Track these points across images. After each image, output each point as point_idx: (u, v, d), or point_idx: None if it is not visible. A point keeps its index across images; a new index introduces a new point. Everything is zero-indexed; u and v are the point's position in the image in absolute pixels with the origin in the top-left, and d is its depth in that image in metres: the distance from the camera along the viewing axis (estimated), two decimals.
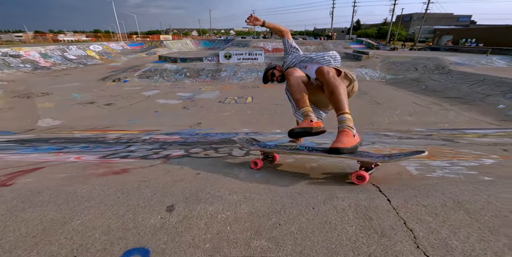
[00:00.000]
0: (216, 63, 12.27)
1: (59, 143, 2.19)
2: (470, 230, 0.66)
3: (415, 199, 0.82)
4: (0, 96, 7.52)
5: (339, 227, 0.68)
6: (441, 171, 1.17)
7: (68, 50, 16.66)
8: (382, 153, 1.15)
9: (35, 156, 1.33)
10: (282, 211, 0.76)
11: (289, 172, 1.23)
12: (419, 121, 6.07)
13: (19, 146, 1.82)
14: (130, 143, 2.41)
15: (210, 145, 2.20)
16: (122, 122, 5.96)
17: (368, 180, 0.99)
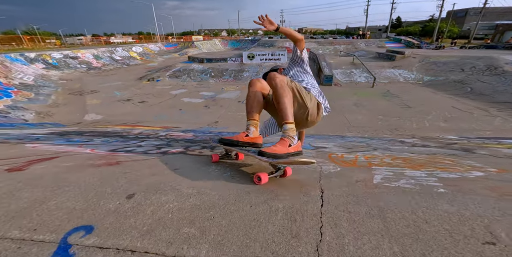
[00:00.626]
0: (239, 63, 12.63)
1: (90, 136, 2.65)
2: (373, 237, 0.69)
3: (346, 205, 0.86)
4: (59, 93, 9.00)
5: (263, 225, 0.78)
6: (405, 181, 1.16)
7: (115, 51, 18.87)
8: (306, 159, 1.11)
9: (61, 147, 1.70)
10: (223, 206, 0.89)
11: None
12: (455, 127, 5.45)
13: (57, 137, 2.29)
14: (145, 138, 2.77)
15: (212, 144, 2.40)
16: (150, 118, 6.66)
17: (317, 186, 1.06)
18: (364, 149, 2.32)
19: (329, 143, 2.81)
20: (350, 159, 1.81)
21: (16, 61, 11.69)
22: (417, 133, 5.06)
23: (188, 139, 3.00)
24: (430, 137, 4.18)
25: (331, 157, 1.85)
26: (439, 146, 2.74)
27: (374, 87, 9.97)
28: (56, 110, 6.88)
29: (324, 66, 11.08)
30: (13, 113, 5.58)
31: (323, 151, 2.17)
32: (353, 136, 4.20)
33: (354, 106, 7.55)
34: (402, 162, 1.71)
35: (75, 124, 5.82)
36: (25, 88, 8.27)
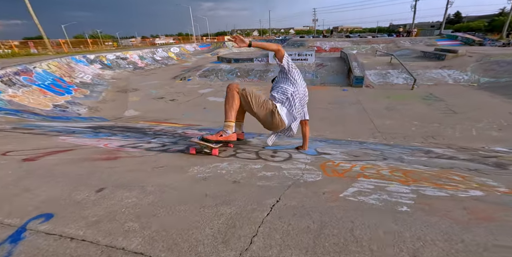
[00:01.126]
0: (265, 63, 12.67)
1: (116, 131, 3.06)
2: (295, 252, 0.70)
3: (291, 217, 0.87)
4: (109, 90, 10.41)
5: (201, 227, 0.85)
6: (377, 196, 1.08)
7: (156, 52, 20.85)
8: None
9: (85, 140, 2.04)
10: (175, 206, 0.98)
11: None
12: (511, 137, 4.58)
13: (90, 131, 2.73)
14: (160, 135, 3.07)
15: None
16: (178, 115, 7.23)
17: (279, 194, 1.07)
18: (371, 158, 2.17)
19: (338, 149, 2.69)
20: (344, 169, 1.74)
21: (80, 62, 13.86)
22: (458, 143, 4.41)
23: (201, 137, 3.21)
24: (471, 148, 3.62)
25: (324, 165, 1.80)
26: (470, 159, 2.38)
27: (413, 90, 8.93)
28: (103, 106, 8.00)
29: (355, 66, 10.36)
30: (70, 108, 6.71)
31: (322, 158, 2.11)
32: (374, 143, 3.89)
33: (385, 110, 6.92)
34: (399, 175, 1.57)
35: (116, 119, 6.71)
36: (83, 86, 9.80)
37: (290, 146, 2.52)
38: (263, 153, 2.15)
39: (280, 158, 2.00)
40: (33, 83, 7.06)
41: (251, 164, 1.70)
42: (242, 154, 2.06)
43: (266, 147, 2.54)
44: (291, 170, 1.62)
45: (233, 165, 1.63)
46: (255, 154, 2.05)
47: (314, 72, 11.52)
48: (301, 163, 1.83)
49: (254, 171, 1.52)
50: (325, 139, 4.27)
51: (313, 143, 3.51)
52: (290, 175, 1.47)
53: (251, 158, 1.92)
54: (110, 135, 2.49)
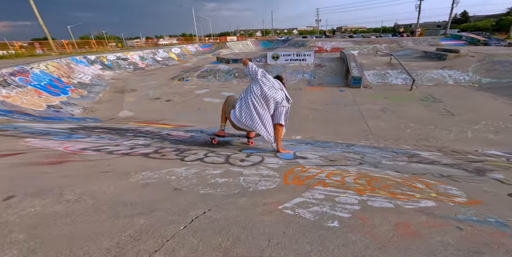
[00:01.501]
0: (264, 64, 12.60)
1: (95, 133, 3.04)
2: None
3: (207, 232, 0.81)
4: (106, 91, 10.50)
5: (101, 238, 0.78)
6: (318, 208, 1.02)
7: (157, 53, 20.98)
8: None
9: (48, 143, 2.01)
10: (82, 215, 0.91)
11: None
12: (507, 141, 4.43)
13: (66, 132, 2.71)
14: (139, 137, 3.03)
15: (188, 147, 2.48)
16: (171, 116, 7.22)
17: (211, 205, 1.01)
18: (346, 163, 2.09)
19: (318, 153, 2.61)
20: (308, 175, 1.67)
21: (80, 62, 14.02)
22: (452, 145, 4.27)
23: (179, 140, 3.16)
24: (462, 152, 3.48)
25: (290, 172, 1.72)
26: (452, 164, 2.27)
27: (412, 90, 8.74)
28: (99, 106, 8.05)
29: (353, 66, 10.21)
30: (64, 108, 6.77)
31: (294, 163, 2.04)
32: (363, 146, 3.78)
33: (381, 111, 6.78)
34: (361, 183, 1.49)
35: (109, 119, 6.74)
36: (81, 87, 9.90)
37: (270, 150, 2.45)
38: (235, 156, 2.09)
39: (249, 162, 1.94)
40: (28, 83, 7.16)
41: (210, 170, 1.64)
42: (211, 157, 2.01)
43: (244, 151, 2.49)
44: (251, 176, 1.56)
45: (190, 171, 1.57)
46: (225, 158, 1.99)
47: (312, 72, 11.39)
48: (268, 168, 1.77)
49: (208, 178, 1.46)
50: (313, 141, 4.19)
51: (297, 146, 3.44)
52: (244, 183, 1.40)
53: (216, 162, 1.87)
54: (83, 137, 2.47)
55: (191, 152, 2.11)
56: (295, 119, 6.42)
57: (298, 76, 11.19)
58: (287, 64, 12.17)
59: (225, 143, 2.91)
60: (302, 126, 5.99)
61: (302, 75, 11.24)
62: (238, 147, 2.61)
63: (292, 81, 10.85)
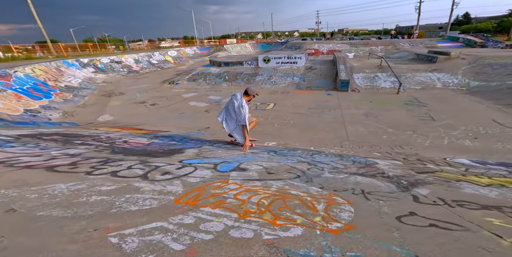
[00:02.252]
0: (255, 67, 12.55)
1: (46, 141, 2.96)
2: None
3: None
4: (94, 94, 10.46)
5: None
6: (160, 237, 0.93)
7: (152, 56, 21.02)
8: None
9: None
10: None
11: None
12: (483, 148, 4.32)
13: (3, 140, 2.63)
14: (88, 144, 2.93)
15: (124, 157, 2.37)
16: (152, 121, 7.14)
17: None
18: (280, 177, 1.97)
19: (264, 164, 2.48)
20: (216, 193, 1.54)
21: (72, 66, 14.02)
22: (424, 153, 4.15)
23: (128, 148, 3.01)
24: (428, 160, 3.36)
25: (200, 188, 1.59)
26: (392, 177, 2.13)
27: (399, 94, 8.63)
28: (81, 110, 8.00)
29: (342, 69, 10.11)
30: (43, 113, 6.72)
31: (220, 177, 1.90)
32: (326, 154, 3.66)
33: (364, 116, 6.66)
34: (263, 203, 1.38)
35: (87, 124, 6.67)
36: (67, 90, 9.87)
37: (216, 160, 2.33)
38: (162, 169, 1.96)
39: (170, 176, 1.81)
40: (9, 87, 7.13)
41: (104, 185, 1.53)
42: (132, 170, 1.88)
43: (185, 161, 2.38)
44: (143, 193, 1.44)
45: (76, 186, 1.47)
46: (145, 171, 1.86)
47: (302, 75, 11.31)
48: (181, 184, 1.65)
49: (83, 195, 1.35)
50: (281, 149, 4.08)
51: (259, 154, 3.32)
52: (118, 202, 1.29)
53: (129, 176, 1.75)
54: (16, 146, 2.38)
55: (116, 164, 2.01)
56: (276, 125, 6.34)
57: (288, 79, 11.11)
58: (278, 67, 12.11)
59: (176, 152, 2.80)
60: (281, 132, 5.89)
61: (292, 78, 11.16)
62: (175, 158, 2.48)
63: (281, 84, 10.76)
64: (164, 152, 2.84)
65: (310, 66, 12.19)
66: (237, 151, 3.44)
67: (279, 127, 6.20)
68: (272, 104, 8.24)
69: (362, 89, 9.49)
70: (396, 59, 14.91)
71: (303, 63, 12.16)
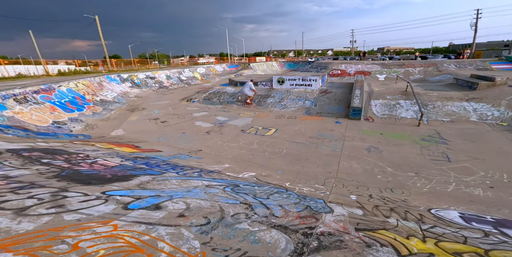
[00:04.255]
0: (269, 88, 12.65)
1: (18, 157, 3.34)
2: None
3: None
4: (121, 108, 11.74)
5: None
6: None
7: (182, 72, 23.03)
8: None
9: None
10: None
11: None
12: (497, 199, 3.45)
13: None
14: (49, 164, 3.18)
15: (61, 184, 2.47)
16: (154, 138, 7.59)
17: None
18: (184, 223, 1.79)
19: (200, 203, 2.33)
20: (54, 237, 1.39)
21: (113, 81, 16.14)
22: (415, 200, 3.45)
23: (78, 172, 3.14)
24: (403, 210, 2.75)
25: (46, 230, 1.49)
26: (309, 235, 1.74)
27: (420, 126, 7.59)
28: (102, 124, 8.99)
29: (356, 95, 9.48)
30: (68, 125, 7.74)
31: (114, 215, 1.81)
32: (289, 193, 3.32)
33: (366, 150, 5.99)
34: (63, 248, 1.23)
35: (98, 137, 7.43)
36: (100, 104, 11.31)
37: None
38: (61, 201, 1.94)
39: (50, 210, 1.70)
40: (48, 100, 8.51)
41: None
42: (26, 201, 1.89)
43: (112, 192, 2.36)
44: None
45: None
46: (33, 203, 1.85)
47: (314, 99, 10.94)
48: (34, 223, 1.55)
49: None
50: (248, 183, 3.82)
51: (213, 189, 3.14)
52: None
53: (5, 207, 1.73)
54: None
55: (26, 191, 2.07)
56: (267, 153, 6.09)
57: (299, 103, 10.84)
58: (291, 89, 12.00)
59: (121, 179, 2.82)
60: (268, 161, 5.62)
61: (303, 102, 10.87)
62: (129, 184, 2.48)
63: (291, 108, 10.53)
64: (110, 178, 2.91)
65: (325, 90, 11.77)
66: (195, 182, 3.33)
67: (269, 156, 5.94)
68: (273, 130, 8.04)
69: (377, 118, 8.65)
70: (435, 83, 13.38)
71: (318, 86, 11.82)
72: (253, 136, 7.50)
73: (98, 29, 27.73)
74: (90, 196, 2.07)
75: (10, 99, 6.94)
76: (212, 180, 3.78)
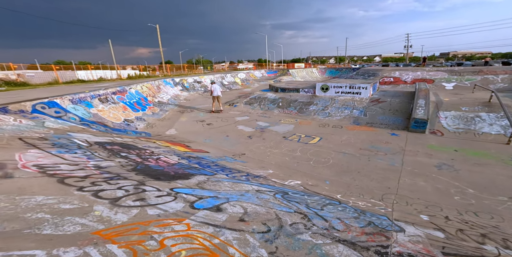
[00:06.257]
0: (311, 95, 12.22)
1: (105, 149, 3.90)
2: None
3: None
4: (173, 110, 13.00)
5: None
6: None
7: (225, 77, 24.31)
8: None
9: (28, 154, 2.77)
10: None
11: None
12: None
13: (84, 146, 3.64)
14: (127, 158, 3.61)
15: (139, 177, 2.74)
16: (201, 139, 8.08)
17: None
18: (246, 228, 1.75)
19: (256, 208, 2.30)
20: (144, 232, 1.52)
21: (168, 84, 18.06)
22: (501, 227, 2.67)
23: (152, 167, 3.47)
24: (499, 238, 2.15)
25: (144, 223, 1.62)
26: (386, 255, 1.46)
27: (510, 145, 6.10)
28: (159, 123, 10.07)
29: (419, 105, 8.29)
30: (134, 123, 8.91)
31: (185, 214, 1.88)
32: (343, 206, 3.07)
33: (436, 167, 5.11)
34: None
35: (156, 135, 8.31)
36: (158, 105, 12.76)
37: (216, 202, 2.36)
38: (142, 195, 2.12)
39: (136, 203, 1.94)
40: (122, 101, 10.00)
41: (68, 204, 1.76)
42: (115, 191, 2.11)
43: (177, 189, 2.52)
44: (84, 218, 1.57)
45: (49, 200, 1.76)
46: (122, 194, 2.07)
47: (364, 108, 10.03)
48: (128, 215, 1.69)
49: (34, 211, 1.59)
50: (297, 191, 3.62)
51: (264, 194, 3.07)
52: (47, 223, 1.44)
53: (103, 196, 1.96)
54: (75, 153, 3.25)
55: (114, 182, 2.33)
56: (312, 162, 5.78)
57: (346, 111, 10.10)
58: (336, 97, 11.33)
59: (182, 177, 3.00)
60: (314, 170, 5.31)
61: (350, 111, 10.08)
62: (190, 183, 2.63)
63: (336, 116, 9.89)
64: (173, 175, 3.12)
65: (377, 98, 10.69)
66: (245, 186, 3.33)
67: (314, 165, 5.61)
68: (317, 138, 7.63)
69: (449, 133, 7.34)
70: None
71: (369, 94, 10.82)
72: (296, 144, 7.25)
73: (158, 36, 31.95)
74: (162, 191, 2.21)
75: (96, 98, 8.44)
76: (260, 185, 3.71)
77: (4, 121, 4.24)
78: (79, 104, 7.34)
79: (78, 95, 7.76)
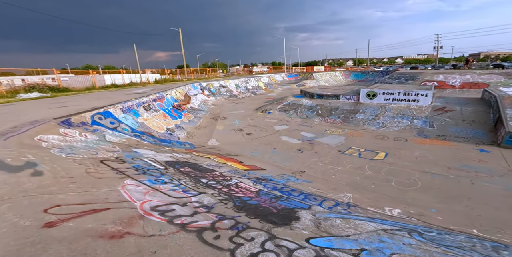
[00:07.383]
0: (355, 102, 11.35)
1: (178, 173, 3.42)
2: None
3: None
4: (206, 117, 12.68)
5: None
6: None
7: (249, 82, 23.89)
8: None
9: (134, 193, 2.28)
10: None
11: None
12: None
13: (159, 170, 3.17)
14: (209, 187, 3.10)
15: (246, 220, 2.20)
16: (247, 152, 7.53)
17: None
18: None
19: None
20: None
21: (195, 88, 17.85)
22: None
23: (245, 200, 2.93)
24: None
25: None
26: None
27: None
28: (197, 132, 9.71)
29: (510, 117, 7.18)
30: (176, 132, 8.58)
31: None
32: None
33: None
34: None
35: (200, 146, 7.89)
36: (191, 111, 12.50)
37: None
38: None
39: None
40: (162, 108, 9.75)
41: None
42: (263, 254, 1.53)
43: (313, 241, 1.91)
44: None
45: None
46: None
47: (427, 118, 9.00)
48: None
49: None
50: (422, 227, 2.88)
51: (396, 236, 2.37)
52: None
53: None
54: (164, 183, 2.76)
55: (246, 234, 1.77)
56: (393, 183, 5.01)
57: (404, 121, 9.12)
58: (387, 105, 10.38)
59: (291, 217, 2.41)
60: (402, 194, 4.55)
61: (410, 121, 9.09)
62: (309, 226, 2.03)
63: (392, 127, 8.94)
64: (280, 215, 2.53)
65: (441, 107, 9.60)
66: (363, 223, 2.65)
67: (399, 187, 4.85)
68: (382, 153, 6.80)
69: None
70: None
71: (429, 102, 9.75)
72: (358, 159, 6.49)
73: (180, 40, 32.48)
74: (306, 248, 1.61)
75: (141, 107, 8.21)
76: (372, 220, 3.01)
77: (72, 137, 3.93)
78: (128, 113, 7.09)
79: (127, 103, 7.52)
